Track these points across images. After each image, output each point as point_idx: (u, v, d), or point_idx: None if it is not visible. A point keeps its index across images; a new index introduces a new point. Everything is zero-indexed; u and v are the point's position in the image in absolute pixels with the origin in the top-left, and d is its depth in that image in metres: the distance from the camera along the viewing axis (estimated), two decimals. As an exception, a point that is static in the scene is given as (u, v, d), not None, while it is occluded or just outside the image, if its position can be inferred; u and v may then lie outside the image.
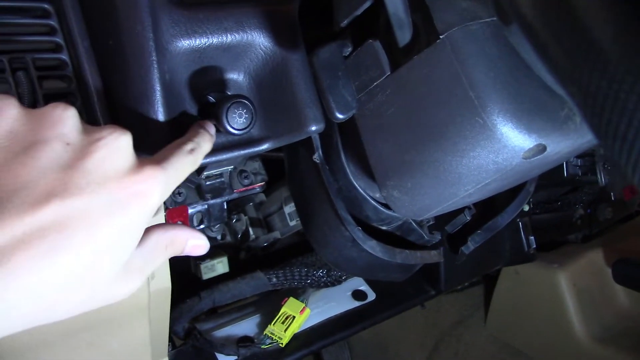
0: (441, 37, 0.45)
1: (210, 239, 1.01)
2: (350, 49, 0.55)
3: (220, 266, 0.98)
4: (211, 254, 1.00)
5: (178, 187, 0.68)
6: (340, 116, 0.54)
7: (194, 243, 0.42)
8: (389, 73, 0.51)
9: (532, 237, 1.12)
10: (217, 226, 0.98)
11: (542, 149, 0.45)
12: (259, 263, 1.02)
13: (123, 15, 0.49)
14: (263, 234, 1.06)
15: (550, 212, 1.24)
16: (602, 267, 1.32)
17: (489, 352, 1.49)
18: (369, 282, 1.08)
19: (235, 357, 0.91)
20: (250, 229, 1.05)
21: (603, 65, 0.21)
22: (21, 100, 0.48)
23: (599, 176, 1.07)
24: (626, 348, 1.20)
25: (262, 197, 1.07)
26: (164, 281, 0.63)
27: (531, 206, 1.15)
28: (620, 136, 0.21)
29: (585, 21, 0.22)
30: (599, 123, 0.22)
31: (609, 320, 1.28)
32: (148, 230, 0.38)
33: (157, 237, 0.39)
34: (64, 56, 0.51)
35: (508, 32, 0.45)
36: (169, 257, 0.42)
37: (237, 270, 0.99)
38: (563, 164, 1.07)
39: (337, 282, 1.01)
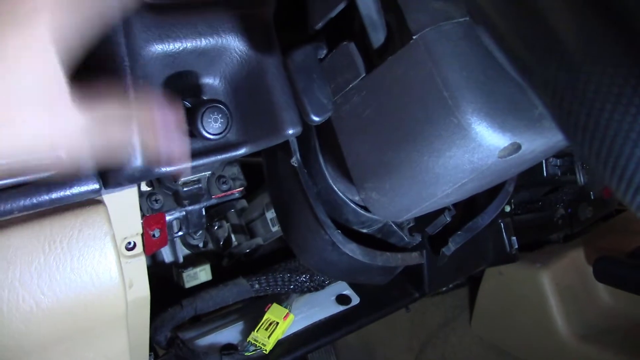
0: (414, 37, 0.45)
1: (192, 246, 1.02)
2: (325, 51, 0.55)
3: (203, 274, 0.97)
4: (194, 262, 0.99)
5: (155, 193, 0.67)
6: (316, 119, 0.53)
7: None
8: (364, 75, 0.51)
9: (514, 238, 1.13)
10: (198, 233, 0.97)
11: (517, 147, 0.46)
12: (242, 270, 1.01)
13: (94, 20, 0.49)
14: (245, 241, 1.05)
15: (531, 213, 1.25)
16: (584, 266, 1.33)
17: (475, 352, 1.49)
18: (353, 286, 1.08)
19: (219, 366, 0.90)
20: (233, 236, 1.05)
21: (561, 55, 0.21)
22: None
23: (578, 175, 1.08)
24: (609, 345, 1.21)
25: (244, 203, 1.06)
26: (143, 289, 0.62)
27: (512, 207, 1.16)
28: (581, 128, 0.21)
29: (543, 12, 0.23)
30: (562, 116, 0.22)
31: (592, 317, 1.29)
32: None
33: None
34: None
35: (480, 32, 0.45)
36: None
37: (220, 277, 0.98)
38: (542, 163, 1.08)
39: (320, 286, 1.01)
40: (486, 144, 0.45)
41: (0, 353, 0.50)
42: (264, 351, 0.91)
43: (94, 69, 0.49)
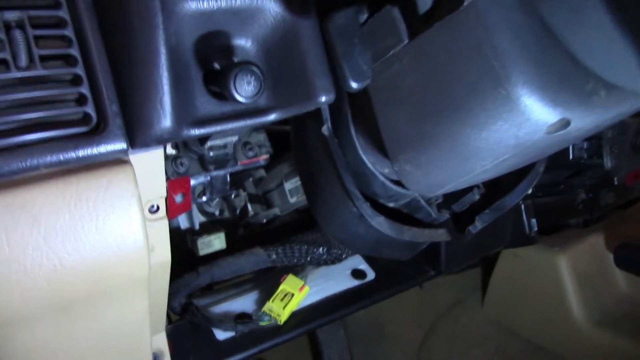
0: (465, 3, 0.43)
1: (208, 213, 1.01)
2: (366, 16, 0.53)
3: (217, 242, 0.96)
4: (208, 230, 0.98)
5: (180, 157, 0.66)
6: (355, 85, 0.51)
7: None
8: (407, 41, 0.48)
9: (534, 220, 1.12)
10: (215, 201, 0.96)
11: (566, 123, 0.44)
12: (257, 240, 1.00)
13: (127, -28, 0.47)
14: (262, 210, 1.04)
15: (552, 196, 1.23)
16: (602, 252, 1.32)
17: (486, 333, 1.49)
18: (369, 261, 1.07)
19: (233, 333, 0.90)
20: (249, 205, 1.04)
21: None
22: (16, 61, 0.46)
23: (605, 159, 1.05)
24: (625, 332, 1.20)
25: (262, 173, 1.05)
26: (164, 254, 0.61)
27: (534, 189, 1.14)
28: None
29: None
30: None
31: (608, 304, 1.29)
32: None
33: None
34: (63, 14, 0.48)
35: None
36: None
37: (234, 246, 0.97)
38: (569, 146, 1.05)
39: (337, 260, 1.00)
40: (535, 118, 0.43)
41: (23, 310, 0.49)
42: (279, 322, 0.91)
43: (126, 23, 0.47)
